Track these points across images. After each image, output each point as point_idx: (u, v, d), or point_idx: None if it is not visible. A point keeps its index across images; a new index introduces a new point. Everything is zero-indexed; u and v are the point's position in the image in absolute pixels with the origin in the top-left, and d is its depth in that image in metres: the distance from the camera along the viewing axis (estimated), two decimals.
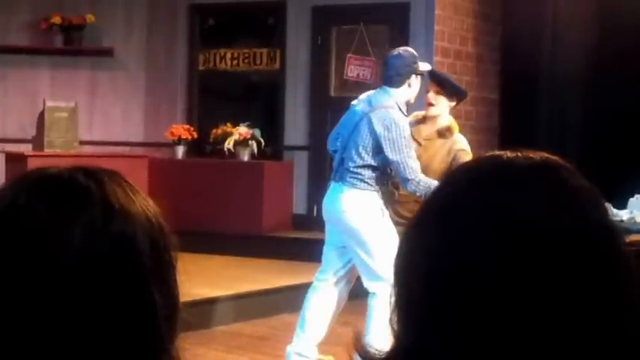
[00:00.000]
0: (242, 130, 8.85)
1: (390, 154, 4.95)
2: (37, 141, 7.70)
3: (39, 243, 0.98)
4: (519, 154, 0.99)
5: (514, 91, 8.93)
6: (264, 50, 9.43)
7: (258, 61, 9.47)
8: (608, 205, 1.02)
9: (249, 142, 8.85)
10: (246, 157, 8.88)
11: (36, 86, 9.29)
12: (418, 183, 4.91)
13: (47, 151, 7.56)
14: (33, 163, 7.13)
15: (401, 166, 4.95)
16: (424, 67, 5.23)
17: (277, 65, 9.31)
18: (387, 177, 5.14)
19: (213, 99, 9.81)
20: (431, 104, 5.34)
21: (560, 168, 0.98)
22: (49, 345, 0.97)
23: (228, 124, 9.03)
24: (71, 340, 0.97)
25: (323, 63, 9.03)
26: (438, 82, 5.36)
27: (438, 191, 1.00)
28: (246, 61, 9.56)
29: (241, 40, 9.60)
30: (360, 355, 1.00)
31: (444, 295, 0.92)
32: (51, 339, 0.97)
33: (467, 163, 1.02)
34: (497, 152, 1.00)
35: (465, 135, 5.59)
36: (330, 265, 5.22)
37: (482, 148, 8.10)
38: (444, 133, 5.34)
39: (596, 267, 0.92)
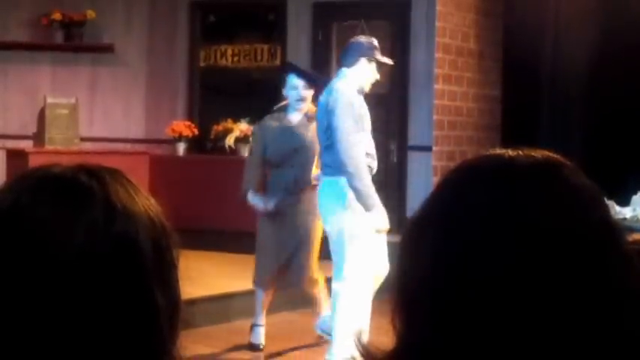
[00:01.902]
0: (243, 127, 8.84)
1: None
2: (38, 137, 7.71)
3: (41, 243, 0.98)
4: (521, 152, 0.99)
5: (516, 88, 8.91)
6: (265, 46, 9.43)
7: (259, 58, 9.48)
8: (611, 203, 1.02)
9: (250, 138, 8.83)
10: (247, 154, 8.85)
11: (37, 82, 9.29)
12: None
13: (48, 147, 7.57)
14: (34, 160, 7.14)
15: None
16: (384, 60, 5.43)
17: (278, 61, 9.30)
18: None
19: (214, 95, 9.80)
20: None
21: (561, 166, 0.98)
22: (50, 345, 0.97)
23: (229, 121, 9.03)
24: (72, 340, 0.97)
25: (324, 59, 9.02)
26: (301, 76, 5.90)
27: (439, 189, 1.00)
28: (247, 57, 9.55)
29: (242, 37, 9.60)
30: (361, 354, 1.00)
31: (446, 294, 0.92)
32: (52, 339, 0.97)
33: (468, 161, 1.02)
34: (498, 150, 1.00)
35: (466, 132, 5.66)
36: None
37: (483, 146, 8.10)
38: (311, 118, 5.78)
39: (597, 265, 0.92)
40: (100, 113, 9.39)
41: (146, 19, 9.58)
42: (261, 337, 5.83)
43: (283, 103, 5.97)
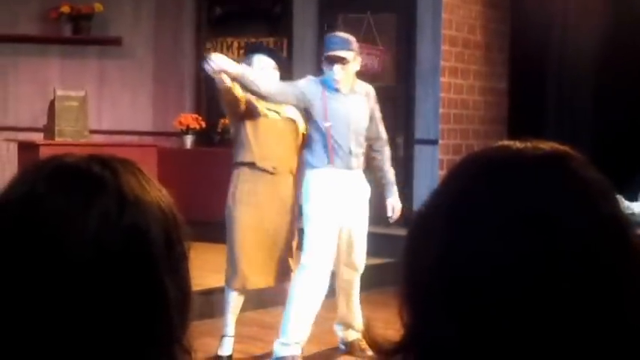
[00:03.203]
0: None
1: None
2: (48, 130, 7.72)
3: (55, 232, 0.99)
4: (529, 144, 0.98)
5: (523, 80, 8.89)
6: (271, 39, 9.41)
7: None
8: (620, 198, 1.01)
9: None
10: None
11: (46, 75, 9.33)
12: None
13: (58, 139, 7.58)
14: (44, 152, 7.15)
15: None
16: (333, 54, 5.28)
17: (284, 54, 9.31)
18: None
19: None
20: None
21: (570, 158, 0.97)
22: (60, 334, 0.98)
23: None
24: (82, 329, 0.98)
25: None
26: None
27: (446, 182, 1.00)
28: None
29: (248, 29, 9.60)
30: (369, 345, 1.01)
31: (454, 286, 0.92)
32: (62, 327, 0.98)
33: (475, 153, 1.01)
34: (506, 142, 1.00)
35: (473, 125, 5.70)
36: None
37: (490, 139, 8.10)
38: None
39: (606, 259, 0.92)
40: (108, 105, 9.42)
41: (153, 12, 9.60)
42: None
43: None
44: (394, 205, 5.56)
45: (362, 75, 8.91)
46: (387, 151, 5.61)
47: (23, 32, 9.37)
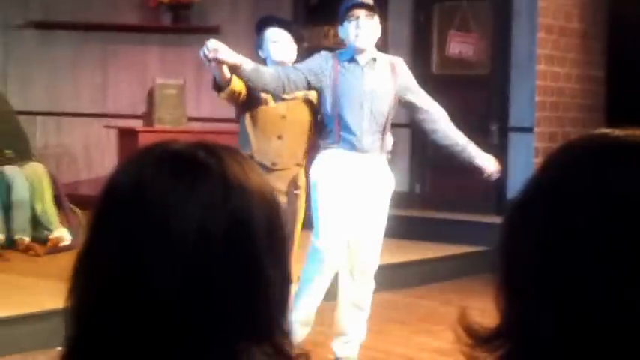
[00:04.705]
0: None
1: None
2: (148, 117, 7.89)
3: (161, 216, 1.01)
4: (628, 132, 0.96)
5: (621, 69, 8.73)
6: None
7: None
8: None
9: None
10: None
11: (146, 64, 9.53)
12: None
13: (157, 127, 7.75)
14: (143, 139, 7.34)
15: None
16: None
17: (379, 43, 9.29)
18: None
19: None
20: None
21: None
22: (163, 313, 1.00)
23: None
24: (185, 309, 1.00)
25: (425, 40, 9.01)
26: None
27: (542, 170, 0.98)
28: None
29: None
30: (466, 332, 1.00)
31: (551, 273, 0.92)
32: (165, 307, 1.00)
33: (572, 141, 0.99)
34: (605, 130, 0.98)
35: (570, 113, 5.51)
36: None
37: (587, 127, 7.99)
38: None
39: None
40: (207, 94, 9.51)
41: (251, 1, 9.70)
42: None
43: None
44: (486, 162, 4.84)
45: (456, 63, 8.95)
46: (445, 118, 4.82)
47: (123, 21, 9.57)
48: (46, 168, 7.54)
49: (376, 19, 4.75)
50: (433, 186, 8.97)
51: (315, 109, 4.82)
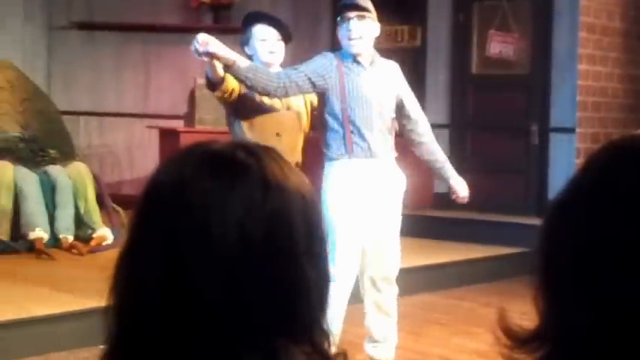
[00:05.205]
0: None
1: None
2: (189, 117, 7.94)
3: (201, 215, 1.02)
4: None
5: None
6: (405, 27, 9.38)
7: (399, 39, 9.44)
8: None
9: None
10: None
11: (187, 64, 9.57)
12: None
13: (198, 127, 7.79)
14: (184, 139, 7.40)
15: None
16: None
17: (418, 42, 9.29)
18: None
19: None
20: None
21: None
22: (203, 312, 1.01)
23: None
24: (224, 308, 1.01)
25: (464, 40, 8.97)
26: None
27: (583, 171, 0.98)
28: (388, 38, 9.58)
29: (383, 17, 9.54)
30: (505, 334, 1.00)
31: (592, 274, 0.91)
32: (205, 306, 1.01)
33: (614, 141, 0.99)
34: None
35: (612, 113, 5.44)
36: None
37: (629, 128, 7.90)
38: None
39: None
40: None
41: (290, 3, 9.73)
42: None
43: None
44: (459, 186, 4.85)
45: (496, 63, 8.90)
46: (430, 132, 4.76)
47: (165, 22, 9.65)
48: (89, 167, 7.63)
49: (369, 19, 4.58)
50: (474, 187, 8.91)
51: (310, 102, 4.72)
